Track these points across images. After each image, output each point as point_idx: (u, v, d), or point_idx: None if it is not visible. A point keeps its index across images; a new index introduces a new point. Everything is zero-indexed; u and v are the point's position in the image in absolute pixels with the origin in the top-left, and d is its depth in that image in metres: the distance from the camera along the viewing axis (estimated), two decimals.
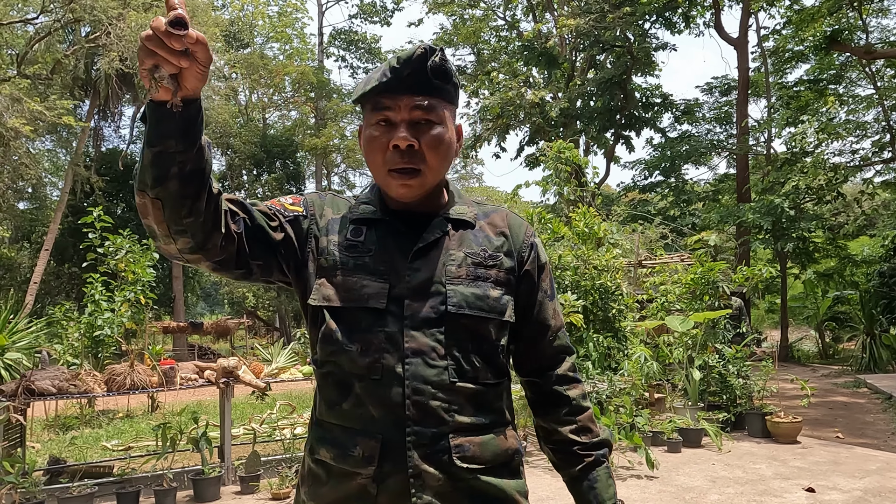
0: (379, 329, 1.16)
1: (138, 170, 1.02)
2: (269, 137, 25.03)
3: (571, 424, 1.30)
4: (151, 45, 0.90)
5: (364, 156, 1.25)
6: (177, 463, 5.62)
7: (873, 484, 4.81)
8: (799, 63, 16.76)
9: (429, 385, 1.13)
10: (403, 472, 1.11)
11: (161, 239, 1.09)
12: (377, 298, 1.17)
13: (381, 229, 1.24)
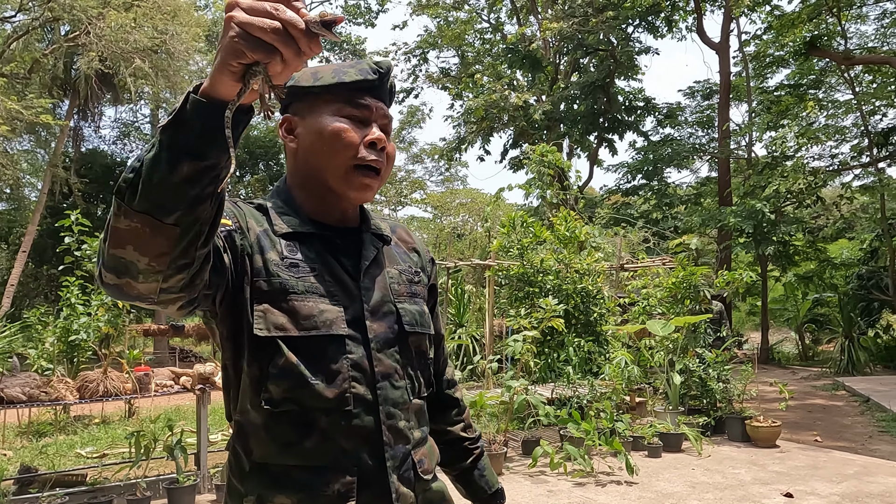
0: (343, 356, 1.08)
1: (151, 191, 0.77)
2: (252, 138, 24.85)
3: (460, 423, 1.42)
4: (275, 39, 0.74)
5: (312, 150, 1.13)
6: (152, 471, 5.52)
7: (851, 489, 4.83)
8: (779, 68, 16.93)
9: (396, 407, 1.12)
10: (386, 498, 1.08)
11: (144, 276, 0.83)
12: (337, 323, 1.08)
13: (315, 245, 1.13)
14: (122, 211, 0.79)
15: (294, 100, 1.17)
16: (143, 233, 0.79)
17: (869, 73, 15.48)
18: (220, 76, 0.76)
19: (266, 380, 1.05)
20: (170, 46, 17.60)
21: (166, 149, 0.77)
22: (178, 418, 8.37)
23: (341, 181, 1.13)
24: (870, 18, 16.30)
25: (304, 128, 1.15)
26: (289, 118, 1.18)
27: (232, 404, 1.13)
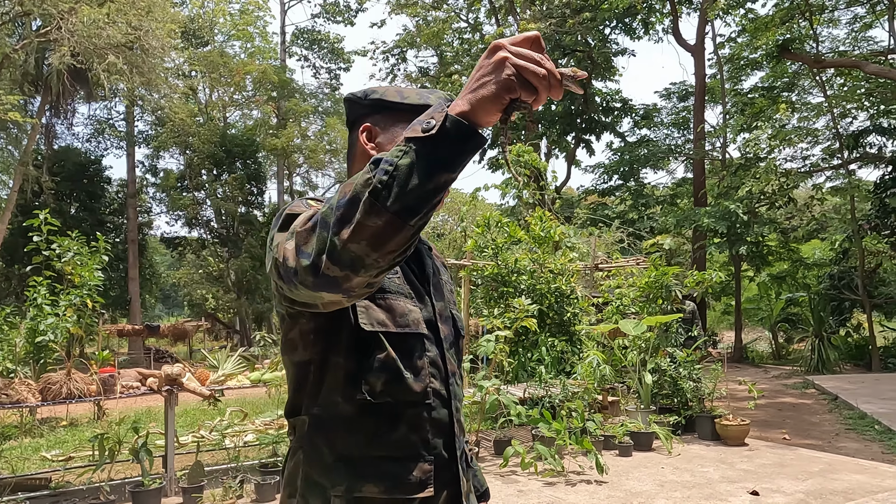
0: (424, 353, 1.18)
1: (417, 195, 0.84)
2: (229, 137, 24.58)
3: None
4: (539, 83, 0.86)
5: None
6: (119, 474, 5.44)
7: (815, 486, 4.90)
8: (753, 70, 17.15)
9: (460, 402, 1.25)
10: (455, 484, 1.18)
11: (366, 270, 0.87)
12: (421, 323, 1.19)
13: None
14: (375, 210, 0.84)
15: (376, 112, 1.25)
16: (384, 231, 0.84)
17: (840, 77, 15.73)
18: (490, 106, 0.86)
19: (366, 373, 1.12)
20: (144, 43, 17.35)
21: (424, 159, 0.84)
22: (148, 420, 8.25)
23: None
24: (841, 23, 16.59)
25: (388, 139, 1.23)
26: (369, 127, 1.25)
27: (308, 399, 1.16)
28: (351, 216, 0.85)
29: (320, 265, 0.87)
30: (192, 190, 24.15)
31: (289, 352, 1.18)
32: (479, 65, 0.89)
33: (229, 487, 4.73)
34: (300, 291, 0.93)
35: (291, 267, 0.91)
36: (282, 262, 0.93)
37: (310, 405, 1.15)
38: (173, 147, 24.52)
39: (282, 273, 0.94)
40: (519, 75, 0.85)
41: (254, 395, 10.34)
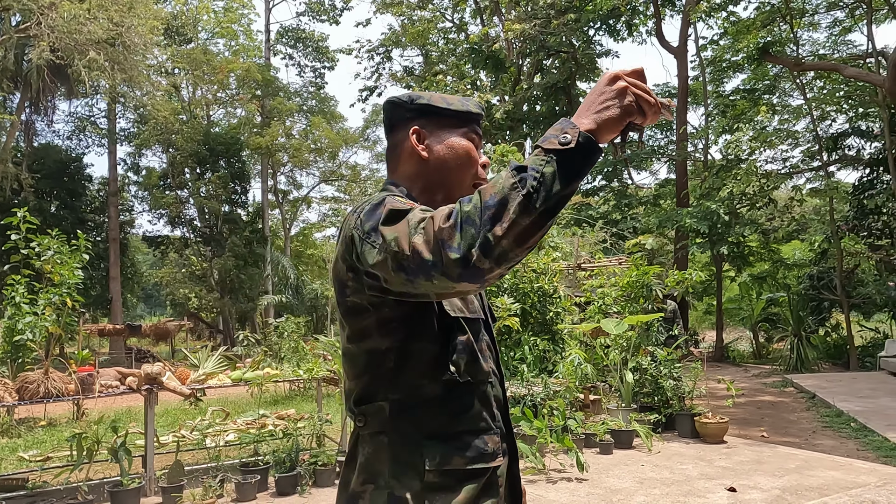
0: (483, 337, 1.30)
1: (557, 199, 0.97)
2: (212, 135, 24.40)
3: None
4: (650, 109, 1.06)
5: (447, 163, 1.31)
6: (97, 474, 5.39)
7: (792, 482, 4.97)
8: (735, 73, 17.33)
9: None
10: (514, 453, 1.31)
11: (506, 263, 0.97)
12: (480, 310, 1.32)
13: None
14: (526, 210, 0.95)
15: (422, 116, 1.34)
16: (528, 229, 0.96)
17: (820, 80, 15.95)
18: (614, 126, 1.03)
19: (452, 354, 1.21)
20: (126, 39, 17.19)
21: (563, 168, 0.98)
22: (128, 420, 8.18)
23: (465, 194, 1.25)
24: (821, 26, 16.81)
25: (436, 142, 1.32)
26: (417, 129, 1.33)
27: (386, 385, 1.21)
28: (501, 214, 0.95)
29: (471, 258, 0.95)
30: (175, 188, 23.95)
31: (358, 340, 1.22)
32: (600, 90, 1.05)
33: (209, 487, 4.71)
34: (430, 283, 1.00)
35: (428, 259, 0.98)
36: (409, 254, 1.00)
37: (388, 391, 1.21)
38: (156, 145, 24.31)
39: (405, 265, 1.01)
40: (638, 103, 1.04)
41: (236, 394, 10.29)
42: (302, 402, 9.67)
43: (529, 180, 0.96)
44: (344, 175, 30.38)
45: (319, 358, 8.04)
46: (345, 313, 1.23)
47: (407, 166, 1.35)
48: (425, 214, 1.04)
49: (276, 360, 10.72)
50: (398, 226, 1.05)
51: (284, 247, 29.19)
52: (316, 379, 6.24)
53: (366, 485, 1.21)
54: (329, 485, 5.18)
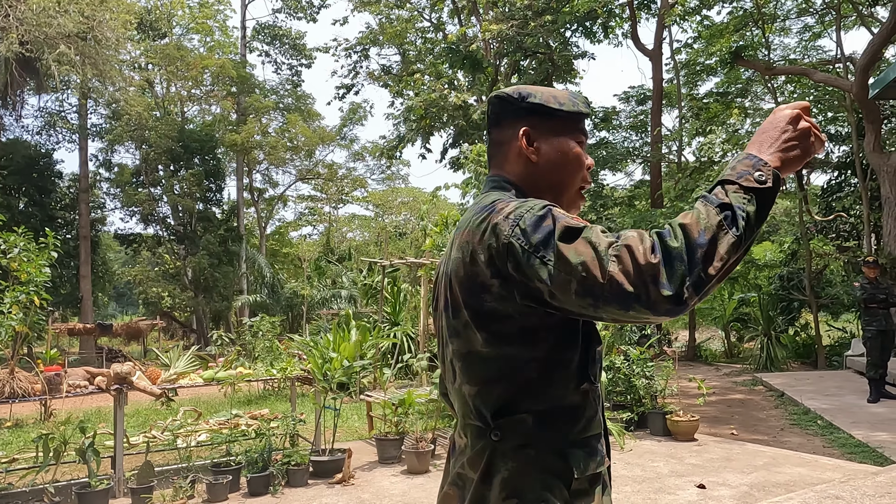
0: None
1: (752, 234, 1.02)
2: (187, 132, 24.09)
3: None
4: (822, 147, 1.12)
5: (555, 166, 1.32)
6: (65, 475, 5.30)
7: (759, 479, 5.07)
8: (709, 76, 17.58)
9: None
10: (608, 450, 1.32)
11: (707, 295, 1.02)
12: None
13: None
14: (738, 249, 1.00)
15: (532, 114, 1.33)
16: (734, 265, 1.01)
17: (790, 84, 16.26)
18: (797, 165, 1.10)
19: (591, 364, 1.22)
20: (98, 33, 16.89)
21: (762, 207, 1.03)
22: (98, 420, 8.05)
23: (571, 198, 1.35)
24: (792, 32, 17.15)
25: (546, 144, 1.32)
26: (528, 131, 1.32)
27: (530, 397, 1.19)
28: (713, 254, 0.99)
29: (682, 295, 0.97)
30: (148, 185, 23.61)
31: (493, 345, 1.18)
32: (782, 126, 1.10)
33: (180, 487, 4.65)
34: (625, 312, 1.01)
35: (630, 291, 0.98)
36: (603, 282, 1.00)
37: (531, 402, 1.19)
38: (128, 141, 23.92)
39: (596, 292, 1.01)
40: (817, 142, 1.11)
41: (208, 394, 10.18)
42: (276, 402, 9.60)
43: (740, 220, 1.01)
44: (321, 173, 30.21)
45: (294, 357, 7.99)
46: (477, 316, 1.19)
47: (515, 166, 1.35)
48: (611, 239, 1.04)
49: (250, 359, 10.63)
50: (581, 247, 1.03)
51: (260, 245, 28.94)
52: (290, 378, 6.20)
53: (509, 499, 1.18)
54: (302, 485, 5.16)
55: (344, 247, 30.58)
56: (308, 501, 4.78)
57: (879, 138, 12.13)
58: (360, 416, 8.30)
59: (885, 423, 6.95)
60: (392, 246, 25.12)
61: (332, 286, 22.25)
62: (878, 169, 12.02)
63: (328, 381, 5.59)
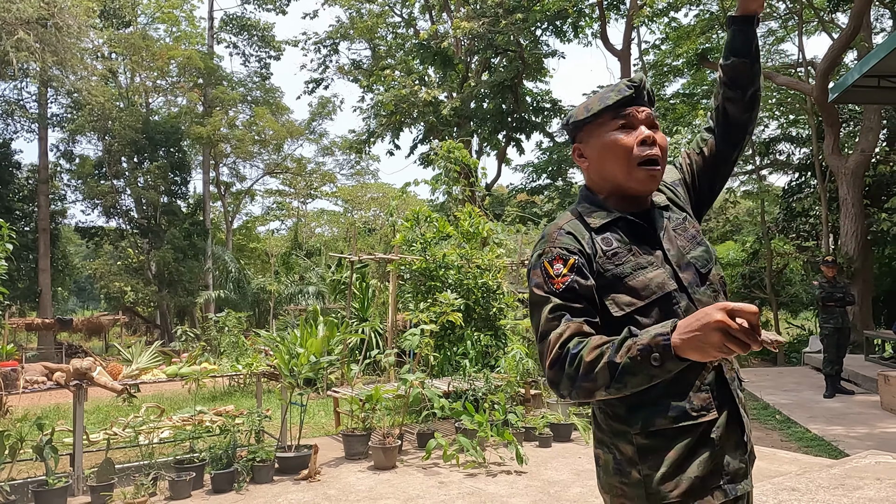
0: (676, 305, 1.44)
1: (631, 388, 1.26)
2: (151, 123, 23.62)
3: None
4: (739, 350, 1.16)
5: (601, 163, 1.50)
6: (21, 473, 5.16)
7: None
8: (676, 77, 17.87)
9: None
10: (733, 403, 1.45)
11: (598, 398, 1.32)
12: (665, 284, 1.46)
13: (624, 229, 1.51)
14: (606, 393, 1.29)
15: (576, 132, 1.56)
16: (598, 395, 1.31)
17: None
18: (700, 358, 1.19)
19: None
20: (59, 20, 16.43)
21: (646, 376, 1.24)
22: (56, 417, 7.86)
23: (628, 178, 1.47)
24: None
25: (590, 149, 1.53)
26: (577, 146, 1.57)
27: None
28: (588, 390, 1.29)
29: (566, 396, 1.33)
30: (111, 177, 23.09)
31: None
32: (701, 323, 1.16)
33: (141, 485, 4.56)
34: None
35: (546, 375, 1.36)
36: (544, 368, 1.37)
37: None
38: (90, 132, 23.36)
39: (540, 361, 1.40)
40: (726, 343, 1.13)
41: (172, 390, 10.01)
42: (241, 398, 9.49)
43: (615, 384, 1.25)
44: (289, 168, 29.90)
45: (260, 353, 7.91)
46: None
47: (585, 176, 1.62)
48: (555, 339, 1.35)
49: (215, 355, 10.48)
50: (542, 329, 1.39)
51: (226, 240, 28.52)
52: (256, 374, 6.13)
53: (600, 447, 1.50)
54: (267, 481, 5.11)
55: (312, 242, 30.33)
56: (273, 498, 4.73)
57: (838, 141, 12.48)
58: (326, 413, 8.25)
59: (840, 418, 7.17)
60: (361, 242, 24.99)
61: (299, 282, 22.05)
62: (837, 171, 12.37)
63: (295, 376, 5.54)
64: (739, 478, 1.42)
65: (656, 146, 1.47)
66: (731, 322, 1.12)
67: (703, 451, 1.37)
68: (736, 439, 1.43)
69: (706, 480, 1.37)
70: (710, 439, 1.38)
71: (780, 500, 4.12)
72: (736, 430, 1.43)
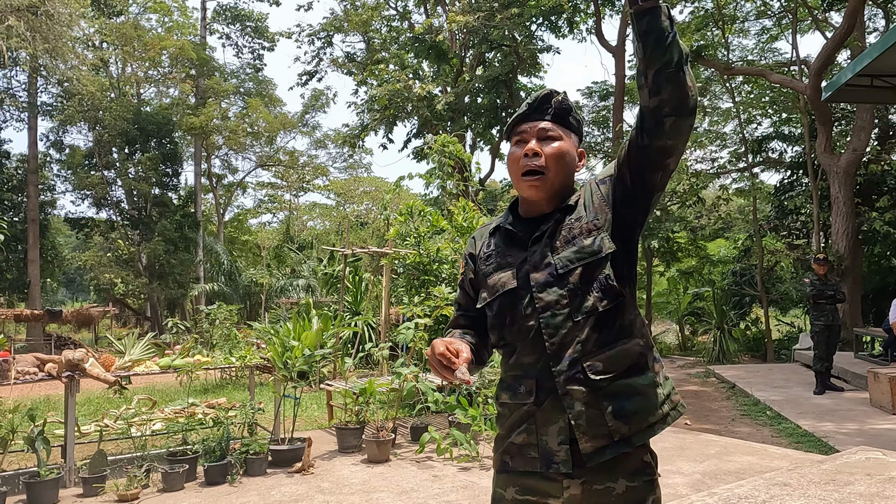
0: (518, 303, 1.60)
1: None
2: (143, 114, 23.42)
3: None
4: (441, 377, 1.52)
5: (510, 174, 1.66)
6: (12, 465, 5.13)
7: (711, 467, 5.21)
8: None
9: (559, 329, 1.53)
10: (554, 393, 1.51)
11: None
12: (507, 283, 1.62)
13: (504, 233, 1.68)
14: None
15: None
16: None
17: (748, 84, 16.67)
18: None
19: (490, 329, 1.68)
20: (49, 8, 16.25)
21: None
22: (47, 409, 7.81)
23: (518, 188, 1.64)
24: (751, 33, 17.55)
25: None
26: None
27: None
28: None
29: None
30: (102, 168, 22.89)
31: None
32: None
33: (134, 477, 4.55)
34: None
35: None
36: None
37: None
38: (81, 122, 23.11)
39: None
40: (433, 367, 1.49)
41: (164, 382, 9.97)
42: (233, 391, 9.46)
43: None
44: (281, 160, 29.74)
45: (253, 346, 7.88)
46: None
47: None
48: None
49: (208, 347, 10.43)
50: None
51: (218, 232, 28.37)
52: (248, 367, 6.11)
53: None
54: (260, 473, 5.10)
55: (304, 235, 30.22)
56: (266, 490, 4.72)
57: (830, 140, 12.54)
58: (319, 406, 8.24)
59: (829, 414, 7.23)
60: (353, 235, 24.91)
61: (291, 275, 21.97)
62: (829, 169, 12.44)
63: (288, 369, 5.52)
64: (560, 459, 1.51)
65: (539, 158, 1.58)
66: (429, 353, 1.47)
67: (525, 425, 1.57)
68: (559, 426, 1.51)
69: (523, 449, 1.57)
70: (532, 418, 1.55)
71: (771, 494, 4.15)
72: (558, 418, 1.51)
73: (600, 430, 1.48)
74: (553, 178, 1.59)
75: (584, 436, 1.48)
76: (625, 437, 1.49)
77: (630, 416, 1.50)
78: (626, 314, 1.57)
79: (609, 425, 1.48)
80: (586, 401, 1.48)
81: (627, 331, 1.56)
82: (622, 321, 1.56)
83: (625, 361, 1.53)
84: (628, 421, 1.50)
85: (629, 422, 1.50)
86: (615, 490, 1.51)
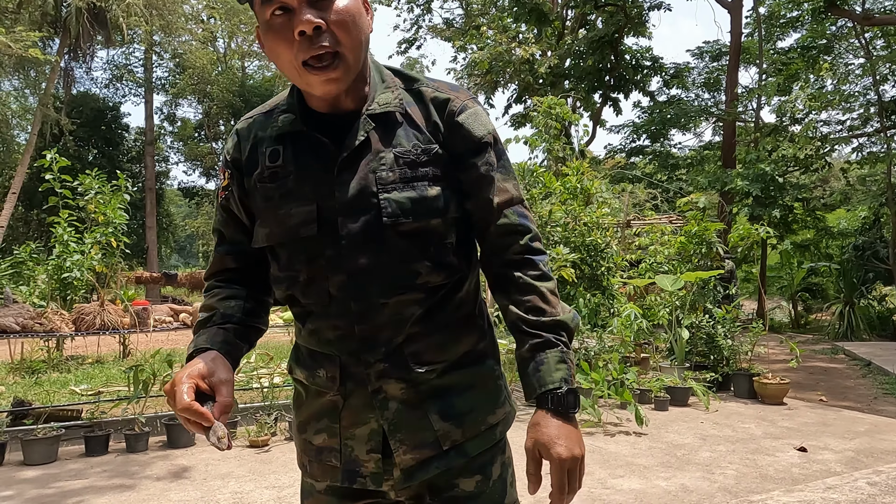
0: (319, 257, 1.10)
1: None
2: (248, 87, 24.27)
3: (523, 304, 1.15)
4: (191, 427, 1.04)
5: (271, 60, 1.10)
6: (149, 409, 5.39)
7: (864, 445, 4.76)
8: (791, 30, 16.53)
9: (374, 303, 1.10)
10: (363, 384, 1.12)
11: None
12: (305, 227, 1.10)
13: (301, 143, 1.13)
14: None
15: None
16: None
17: (882, 39, 15.14)
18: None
19: (273, 284, 1.19)
20: None
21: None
22: (174, 361, 8.23)
23: (302, 83, 1.08)
24: None
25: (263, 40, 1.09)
26: (257, 28, 1.11)
27: None
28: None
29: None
30: (210, 140, 23.97)
31: None
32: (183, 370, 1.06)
33: (264, 424, 4.65)
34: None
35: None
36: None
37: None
38: (190, 95, 24.23)
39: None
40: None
41: (277, 340, 10.32)
42: None
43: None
44: None
45: None
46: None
47: None
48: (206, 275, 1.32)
49: None
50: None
51: None
52: None
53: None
54: None
55: None
56: None
57: None
58: None
59: None
60: None
61: None
62: None
63: None
64: (368, 472, 1.14)
65: (323, 33, 1.01)
66: (169, 402, 1.04)
67: (325, 421, 1.18)
68: (371, 428, 1.13)
69: (322, 453, 1.19)
70: (335, 413, 1.16)
71: None
72: (368, 418, 1.13)
73: (424, 437, 1.13)
74: (353, 58, 1.05)
75: (402, 445, 1.12)
76: (457, 444, 1.14)
77: (463, 417, 1.15)
78: (464, 287, 1.18)
79: (435, 429, 1.13)
80: (405, 398, 1.12)
81: (465, 308, 1.19)
82: (460, 295, 1.17)
83: (458, 347, 1.16)
84: (461, 423, 1.15)
85: (462, 424, 1.15)
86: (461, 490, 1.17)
